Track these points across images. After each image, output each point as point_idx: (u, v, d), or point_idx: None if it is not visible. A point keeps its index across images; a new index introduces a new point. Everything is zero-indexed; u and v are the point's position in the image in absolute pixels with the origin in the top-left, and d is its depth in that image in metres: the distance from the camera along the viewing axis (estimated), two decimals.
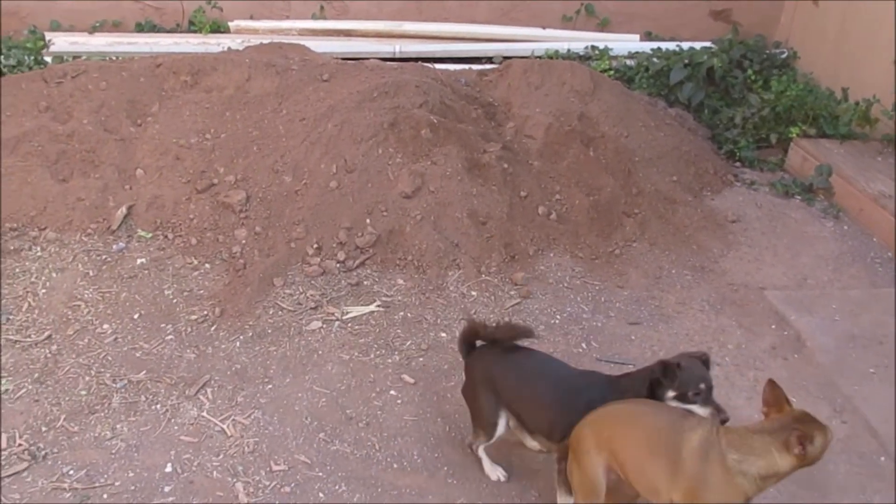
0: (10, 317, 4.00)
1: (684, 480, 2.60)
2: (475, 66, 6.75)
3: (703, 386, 2.91)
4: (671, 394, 2.92)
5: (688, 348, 4.22)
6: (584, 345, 4.19)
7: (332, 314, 4.21)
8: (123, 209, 4.69)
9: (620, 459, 2.74)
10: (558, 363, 3.33)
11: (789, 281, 4.88)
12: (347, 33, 7.23)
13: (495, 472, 3.36)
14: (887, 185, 5.55)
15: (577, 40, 7.33)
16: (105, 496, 3.15)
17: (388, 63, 6.14)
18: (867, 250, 5.24)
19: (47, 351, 3.82)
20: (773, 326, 4.45)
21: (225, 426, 3.51)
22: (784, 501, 3.39)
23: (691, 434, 2.64)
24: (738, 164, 6.20)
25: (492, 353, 3.27)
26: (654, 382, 2.96)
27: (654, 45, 7.23)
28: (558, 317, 4.38)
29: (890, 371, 4.17)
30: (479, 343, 3.33)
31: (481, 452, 3.36)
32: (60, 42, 6.52)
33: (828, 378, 4.09)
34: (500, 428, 3.23)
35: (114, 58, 6.19)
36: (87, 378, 3.68)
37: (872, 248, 5.27)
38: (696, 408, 2.89)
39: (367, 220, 4.68)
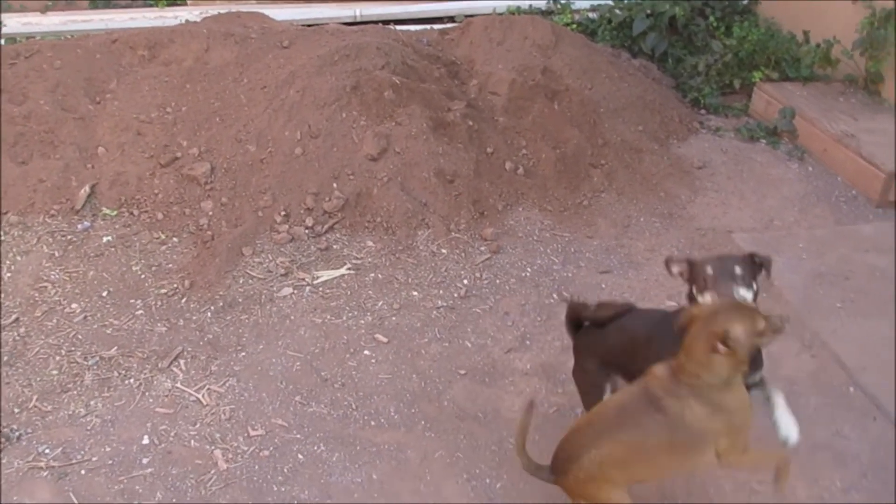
0: None
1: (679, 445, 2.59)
2: (437, 26, 6.70)
3: (709, 271, 2.74)
4: (693, 290, 2.81)
5: (658, 294, 4.28)
6: (555, 295, 4.22)
7: (303, 279, 4.20)
8: (86, 188, 4.63)
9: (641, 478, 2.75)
10: (659, 315, 3.13)
11: (756, 223, 4.93)
12: None
13: None
14: (850, 125, 5.59)
15: None
16: (83, 472, 3.16)
17: (349, 27, 6.08)
18: (832, 189, 5.30)
19: (15, 334, 3.79)
20: None
21: (200, 395, 3.52)
22: (757, 434, 3.45)
23: (660, 411, 2.56)
24: (702, 111, 6.22)
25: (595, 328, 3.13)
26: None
27: None
28: (529, 269, 4.40)
29: (856, 305, 4.24)
30: None
31: None
32: (13, 23, 6.38)
33: (796, 315, 4.14)
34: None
35: (68, 36, 6.07)
36: (58, 357, 3.66)
37: (837, 188, 5.32)
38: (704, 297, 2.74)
39: (334, 185, 4.66)
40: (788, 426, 2.79)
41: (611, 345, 3.06)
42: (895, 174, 5.06)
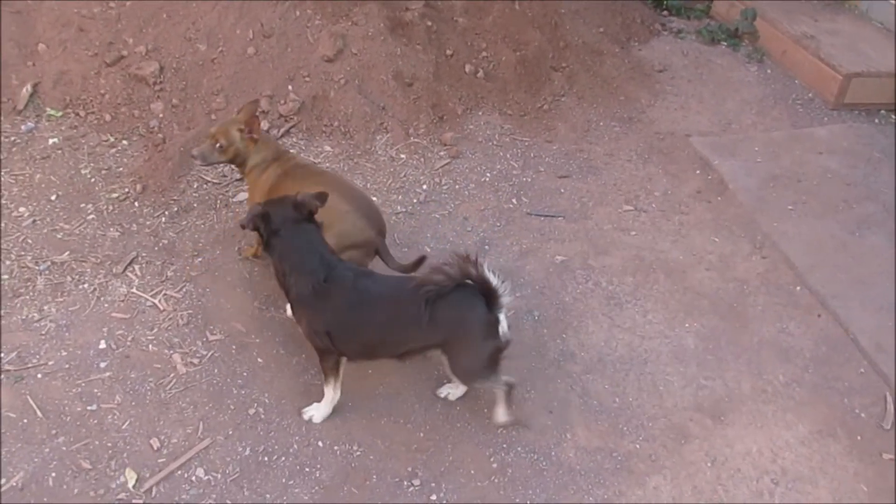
0: None
1: None
2: None
3: None
4: None
5: (615, 198, 4.32)
6: (514, 200, 4.22)
7: None
8: (28, 87, 4.44)
9: None
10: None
11: (714, 127, 4.95)
12: None
13: None
14: (810, 26, 5.57)
15: None
16: (39, 376, 3.14)
17: None
18: (789, 92, 5.32)
19: None
20: (698, 172, 4.54)
21: (156, 301, 3.49)
22: (707, 332, 3.57)
23: None
24: (664, 12, 6.13)
25: None
26: None
27: None
28: (488, 174, 4.38)
29: (807, 206, 4.32)
30: None
31: None
32: None
33: (749, 217, 4.22)
34: None
35: None
36: (8, 262, 3.58)
37: (794, 90, 5.34)
38: None
39: (290, 87, 4.53)
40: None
41: None
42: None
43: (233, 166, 3.58)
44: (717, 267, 3.93)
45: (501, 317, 2.85)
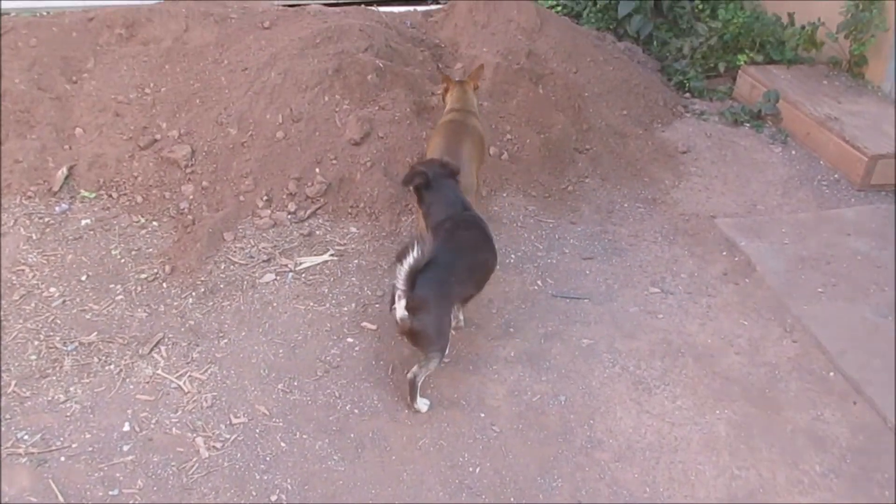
0: None
1: None
2: (420, 8, 6.63)
3: None
4: None
5: (641, 280, 4.28)
6: (539, 282, 4.21)
7: (286, 266, 4.16)
8: (64, 170, 4.56)
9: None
10: None
11: (739, 208, 4.94)
12: None
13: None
14: (833, 108, 5.60)
15: None
16: (62, 459, 3.12)
17: (331, 8, 5.99)
18: (814, 173, 5.32)
19: None
20: (724, 253, 4.51)
21: (181, 383, 3.48)
22: (738, 419, 3.48)
23: None
24: (687, 94, 6.21)
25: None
26: None
27: None
28: (513, 256, 4.38)
29: (837, 289, 4.26)
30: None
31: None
32: None
33: (778, 300, 4.17)
34: None
35: (44, 13, 5.94)
36: (37, 342, 3.62)
37: (819, 171, 5.34)
38: None
39: (317, 170, 4.61)
40: None
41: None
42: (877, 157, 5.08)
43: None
44: (746, 351, 3.86)
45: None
